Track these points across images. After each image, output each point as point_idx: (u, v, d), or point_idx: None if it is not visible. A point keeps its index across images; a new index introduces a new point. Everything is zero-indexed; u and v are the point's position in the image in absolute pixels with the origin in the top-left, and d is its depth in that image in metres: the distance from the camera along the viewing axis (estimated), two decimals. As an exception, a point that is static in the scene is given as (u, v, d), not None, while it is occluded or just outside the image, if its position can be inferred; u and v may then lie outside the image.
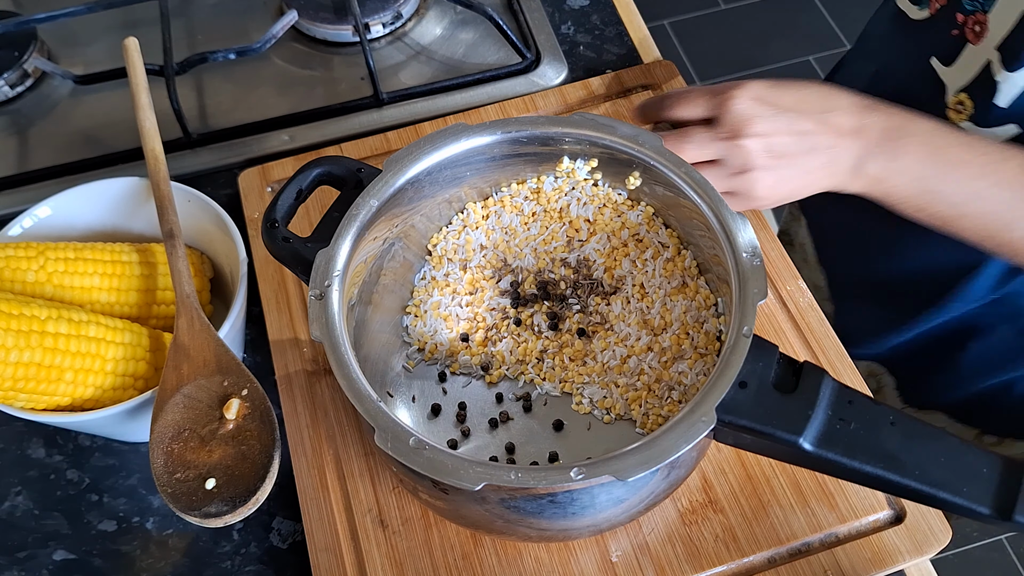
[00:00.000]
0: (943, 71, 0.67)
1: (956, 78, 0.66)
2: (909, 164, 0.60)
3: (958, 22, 0.65)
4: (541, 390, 0.62)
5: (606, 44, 0.89)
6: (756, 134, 0.60)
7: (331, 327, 0.51)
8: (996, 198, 0.60)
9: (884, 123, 0.61)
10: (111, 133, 0.83)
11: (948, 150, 0.61)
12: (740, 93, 0.61)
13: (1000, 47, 0.61)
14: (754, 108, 0.60)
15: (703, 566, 0.58)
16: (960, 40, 0.65)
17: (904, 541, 0.58)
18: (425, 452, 0.47)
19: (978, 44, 0.63)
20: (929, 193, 0.61)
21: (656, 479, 0.51)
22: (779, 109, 0.61)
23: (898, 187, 0.61)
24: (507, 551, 0.59)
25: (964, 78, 0.65)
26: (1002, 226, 0.60)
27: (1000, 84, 0.62)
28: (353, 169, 0.58)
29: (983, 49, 0.63)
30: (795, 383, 0.48)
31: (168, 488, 0.52)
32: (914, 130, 0.61)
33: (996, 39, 0.61)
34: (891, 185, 0.61)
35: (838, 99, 0.62)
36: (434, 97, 0.84)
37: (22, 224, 0.66)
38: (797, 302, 0.68)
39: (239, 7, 0.92)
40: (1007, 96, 0.62)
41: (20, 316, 0.55)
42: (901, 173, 0.61)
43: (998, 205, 0.60)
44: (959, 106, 0.65)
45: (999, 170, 0.60)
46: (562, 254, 0.64)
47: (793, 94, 0.62)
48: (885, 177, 0.61)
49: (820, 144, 0.61)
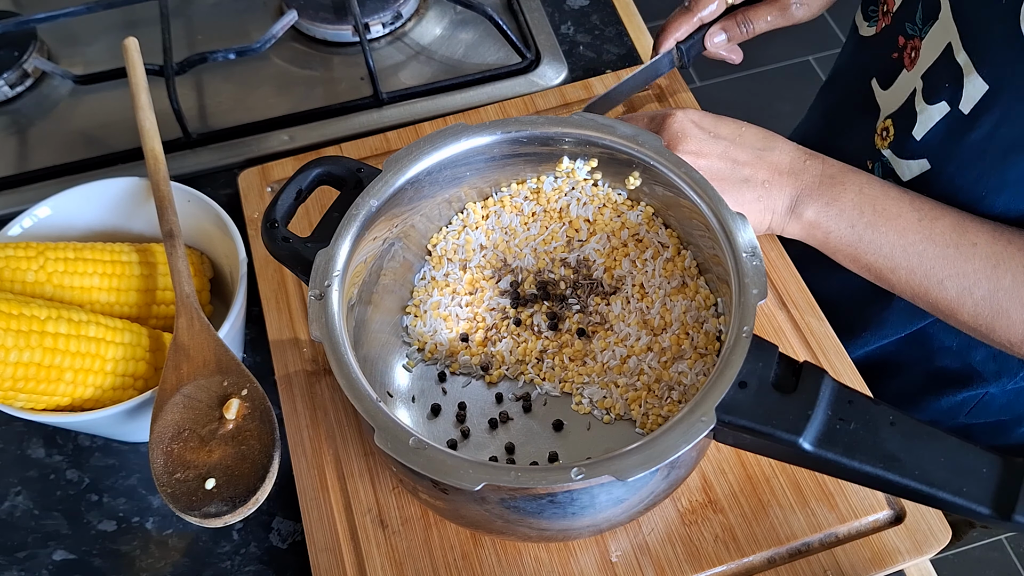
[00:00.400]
0: (880, 94, 0.67)
1: (889, 103, 0.66)
2: (844, 210, 0.60)
3: (899, 45, 0.64)
4: (541, 390, 0.62)
5: (606, 44, 0.89)
6: (688, 152, 0.60)
7: (331, 327, 0.51)
8: (927, 254, 0.59)
9: (821, 169, 0.61)
10: (111, 133, 0.83)
11: (882, 201, 0.60)
12: (679, 115, 0.61)
13: (924, 75, 0.61)
14: (691, 129, 0.60)
15: (703, 566, 0.58)
16: (899, 64, 0.65)
17: (904, 541, 0.58)
18: (425, 452, 0.47)
19: (911, 71, 0.63)
20: (862, 243, 0.60)
21: (656, 479, 0.51)
22: (715, 136, 0.61)
23: (832, 234, 0.61)
24: (507, 551, 0.59)
25: (894, 104, 0.65)
26: (933, 283, 0.60)
27: (919, 115, 0.61)
28: (353, 169, 0.58)
29: (913, 76, 0.62)
30: (795, 383, 0.48)
31: (168, 488, 0.52)
32: (850, 180, 0.61)
33: (923, 68, 0.61)
34: (826, 231, 0.61)
35: (777, 141, 0.62)
36: (434, 97, 0.84)
37: (22, 224, 0.66)
38: (797, 302, 0.68)
39: (239, 7, 0.92)
40: (923, 128, 0.62)
41: (20, 316, 0.55)
42: (836, 219, 0.60)
43: (929, 261, 0.59)
44: (884, 132, 0.65)
45: (932, 227, 0.60)
46: (562, 254, 0.64)
47: (732, 127, 0.62)
48: (821, 223, 0.61)
49: (755, 177, 0.60)
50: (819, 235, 0.62)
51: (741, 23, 0.70)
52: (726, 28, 0.71)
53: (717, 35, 0.71)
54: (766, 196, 0.61)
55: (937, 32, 0.60)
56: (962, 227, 0.60)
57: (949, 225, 0.60)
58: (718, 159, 0.60)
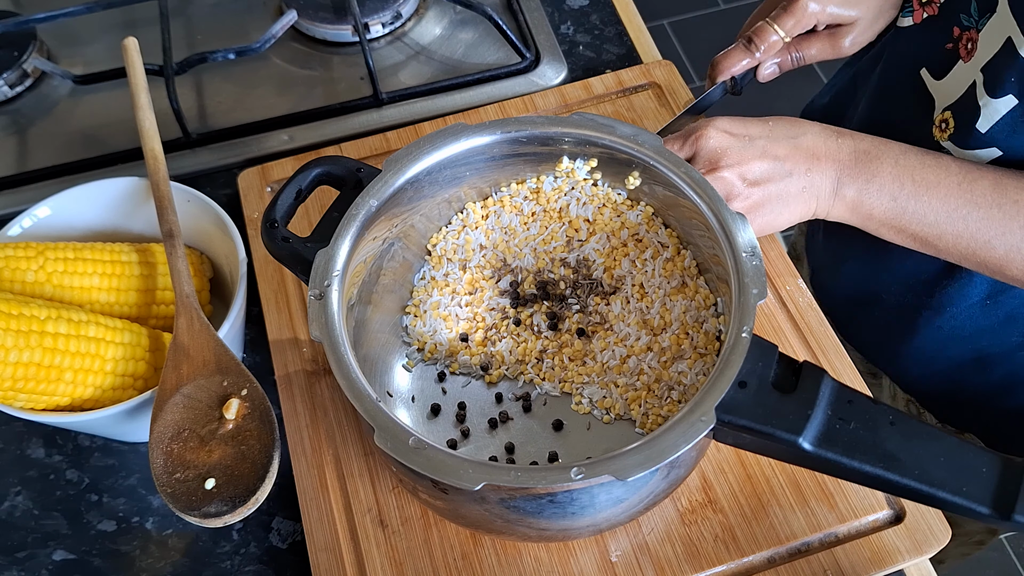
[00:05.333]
0: (933, 84, 0.67)
1: (945, 94, 0.66)
2: (883, 185, 0.61)
3: (954, 36, 0.64)
4: (541, 390, 0.62)
5: (606, 44, 0.89)
6: (730, 164, 0.60)
7: (331, 327, 0.51)
8: (971, 217, 0.60)
9: (854, 146, 0.61)
10: (111, 133, 0.83)
11: (920, 170, 0.61)
12: (709, 130, 0.61)
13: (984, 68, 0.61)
14: (725, 140, 0.61)
15: (703, 566, 0.58)
16: (953, 55, 0.65)
17: (904, 541, 0.58)
18: (425, 452, 0.47)
19: (968, 62, 0.63)
20: (906, 215, 0.61)
21: (656, 479, 0.51)
22: (750, 138, 0.61)
23: (875, 210, 0.61)
24: (507, 551, 0.59)
25: (952, 96, 0.65)
26: (981, 244, 0.60)
27: (983, 108, 0.61)
28: (353, 169, 0.58)
29: (971, 68, 0.63)
30: (795, 383, 0.48)
31: (168, 488, 0.52)
32: (884, 152, 0.61)
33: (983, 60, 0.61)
34: (869, 208, 0.61)
35: (806, 125, 0.62)
36: (434, 97, 0.84)
37: (22, 224, 0.66)
38: (797, 302, 0.68)
39: (239, 7, 0.92)
40: (988, 122, 0.62)
41: (20, 316, 0.55)
42: (877, 195, 0.61)
43: (974, 224, 0.60)
44: (943, 124, 0.65)
45: (972, 189, 0.60)
46: (562, 254, 0.64)
47: (760, 125, 0.62)
48: (863, 201, 0.61)
49: (797, 169, 0.61)
50: (863, 212, 0.62)
51: (793, 54, 0.71)
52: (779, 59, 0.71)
53: (771, 68, 0.71)
54: (810, 184, 0.61)
55: (995, 25, 0.60)
56: (1002, 186, 0.60)
57: (989, 185, 0.60)
58: (759, 160, 0.60)
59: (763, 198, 0.60)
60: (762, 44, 0.69)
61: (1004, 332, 0.72)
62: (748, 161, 0.60)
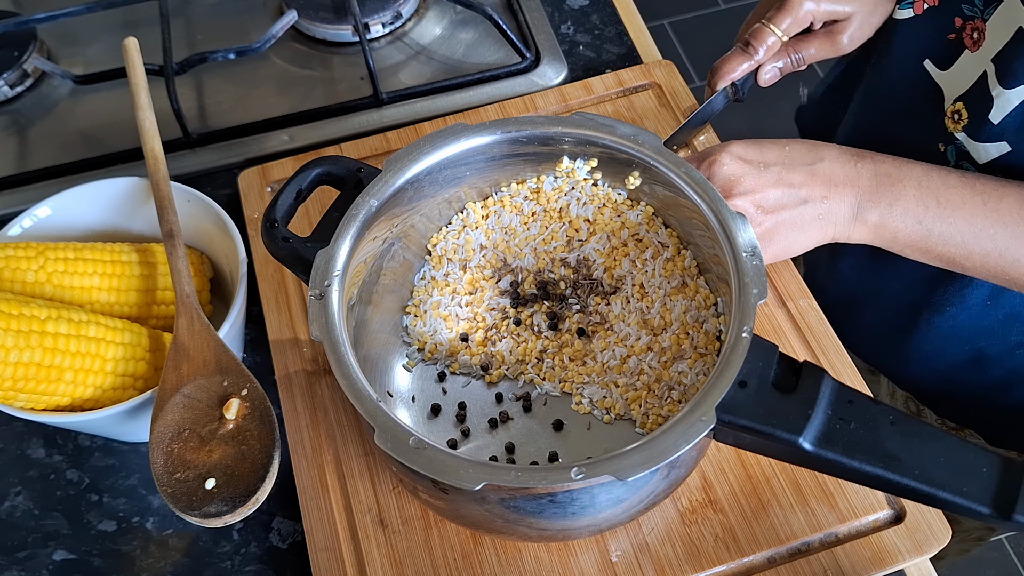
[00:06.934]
0: (939, 75, 0.67)
1: (953, 85, 0.65)
2: (907, 208, 0.60)
3: (955, 26, 0.64)
4: (541, 390, 0.62)
5: (606, 44, 0.89)
6: (744, 192, 0.59)
7: (331, 327, 0.51)
8: (999, 236, 0.60)
9: (874, 170, 0.61)
10: (111, 133, 0.83)
11: (944, 191, 0.60)
12: (723, 156, 0.60)
13: (995, 59, 0.61)
14: (738, 168, 0.60)
15: (703, 566, 0.58)
16: (957, 45, 0.64)
17: (904, 541, 0.58)
18: (425, 452, 0.47)
19: (975, 52, 0.62)
20: (932, 237, 0.60)
21: (656, 479, 0.51)
22: (765, 165, 0.61)
23: (900, 232, 0.61)
24: (507, 551, 0.59)
25: (961, 86, 0.64)
26: (1010, 262, 0.60)
27: (995, 99, 0.61)
28: (353, 169, 0.58)
29: (980, 58, 0.62)
30: (795, 383, 0.48)
31: (168, 488, 0.52)
32: (906, 174, 0.61)
33: (993, 50, 0.61)
34: (893, 231, 0.61)
35: (825, 150, 0.62)
36: (434, 97, 0.84)
37: (22, 224, 0.66)
38: (797, 302, 0.68)
39: (239, 7, 0.92)
40: (1000, 112, 0.62)
41: (20, 316, 0.55)
42: (901, 218, 0.60)
43: (1003, 242, 0.60)
44: (956, 115, 0.65)
45: (998, 207, 0.60)
46: (562, 254, 0.64)
47: (777, 149, 0.62)
48: (887, 224, 0.61)
49: (813, 196, 0.60)
50: (887, 235, 0.61)
51: (793, 55, 0.71)
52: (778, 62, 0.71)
53: (771, 71, 0.71)
54: (827, 212, 0.61)
55: (1003, 14, 0.60)
56: None
57: (1015, 203, 0.60)
58: (774, 187, 0.60)
59: (776, 225, 0.60)
60: (760, 46, 0.68)
61: (1004, 331, 0.72)
62: (762, 189, 0.60)
